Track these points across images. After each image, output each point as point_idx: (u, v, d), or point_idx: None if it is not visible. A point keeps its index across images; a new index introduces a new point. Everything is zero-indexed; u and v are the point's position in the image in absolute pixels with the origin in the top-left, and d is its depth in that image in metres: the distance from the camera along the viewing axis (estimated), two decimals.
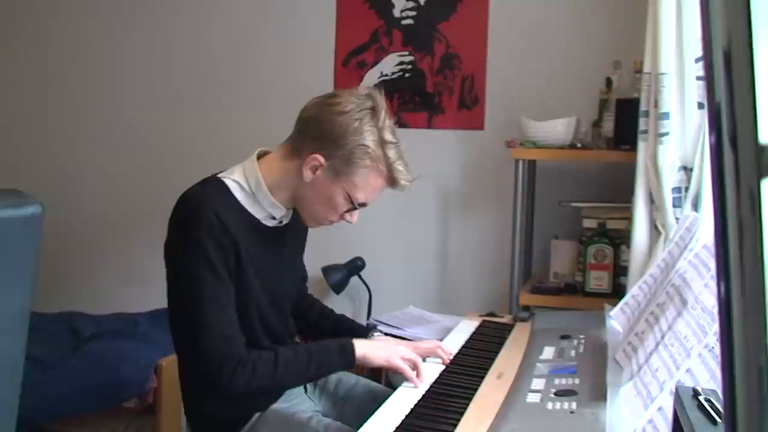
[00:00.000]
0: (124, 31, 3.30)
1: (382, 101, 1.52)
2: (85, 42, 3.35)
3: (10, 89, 3.46)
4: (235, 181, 1.54)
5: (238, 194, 1.53)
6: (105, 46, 3.33)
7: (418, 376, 1.53)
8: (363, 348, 1.56)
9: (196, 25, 3.20)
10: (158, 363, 1.73)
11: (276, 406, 1.60)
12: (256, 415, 1.58)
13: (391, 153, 1.52)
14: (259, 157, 1.59)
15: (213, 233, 1.43)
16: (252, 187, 1.54)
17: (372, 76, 2.96)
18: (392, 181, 1.54)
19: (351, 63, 3.00)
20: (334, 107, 1.50)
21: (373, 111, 1.50)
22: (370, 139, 1.49)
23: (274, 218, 1.58)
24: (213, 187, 1.53)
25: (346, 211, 1.57)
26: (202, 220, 1.43)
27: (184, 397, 1.63)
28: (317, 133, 1.50)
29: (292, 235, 1.68)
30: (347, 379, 1.80)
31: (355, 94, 1.54)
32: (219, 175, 1.56)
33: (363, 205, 1.56)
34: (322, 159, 1.49)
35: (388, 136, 1.51)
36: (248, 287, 1.52)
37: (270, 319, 1.60)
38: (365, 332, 1.78)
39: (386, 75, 2.95)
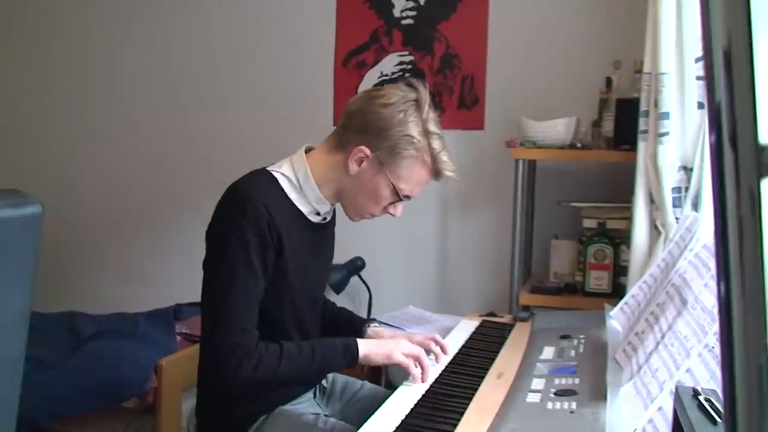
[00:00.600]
0: (124, 31, 3.30)
1: (426, 94, 1.54)
2: (85, 42, 3.36)
3: (10, 89, 3.46)
4: (283, 174, 1.55)
5: (287, 187, 1.54)
6: (105, 45, 3.33)
7: (423, 371, 1.53)
8: (366, 347, 1.56)
9: (196, 24, 3.21)
10: (158, 363, 1.72)
11: (283, 407, 1.60)
12: (264, 415, 1.58)
13: (436, 144, 1.53)
14: (305, 152, 1.60)
15: (258, 225, 1.44)
16: (300, 181, 1.55)
17: (372, 76, 2.96)
18: (436, 172, 1.56)
19: (351, 63, 3.00)
20: (379, 99, 1.52)
21: (417, 103, 1.52)
22: (414, 130, 1.50)
23: (318, 214, 1.59)
24: (263, 179, 1.54)
25: (390, 204, 1.58)
26: (249, 210, 1.44)
27: (198, 392, 1.63)
28: (362, 126, 1.52)
29: (329, 233, 1.70)
30: (353, 383, 1.80)
31: (399, 87, 1.55)
32: (268, 168, 1.57)
33: (407, 197, 1.58)
34: (367, 150, 1.51)
35: (432, 128, 1.53)
36: (288, 281, 1.53)
37: (303, 314, 1.61)
38: (363, 324, 1.78)
39: (386, 75, 2.95)
